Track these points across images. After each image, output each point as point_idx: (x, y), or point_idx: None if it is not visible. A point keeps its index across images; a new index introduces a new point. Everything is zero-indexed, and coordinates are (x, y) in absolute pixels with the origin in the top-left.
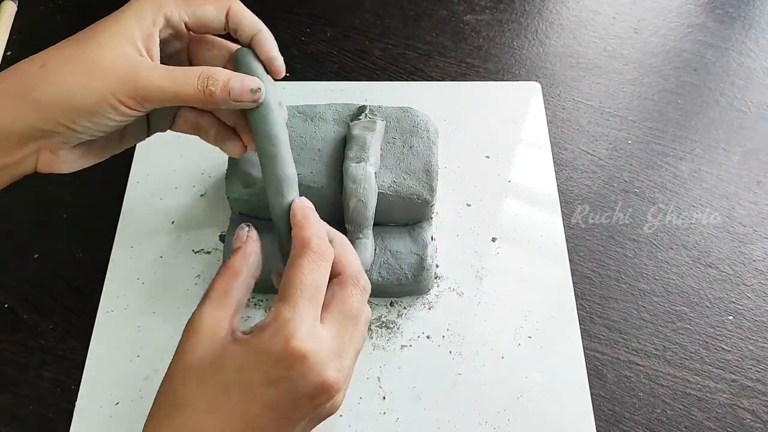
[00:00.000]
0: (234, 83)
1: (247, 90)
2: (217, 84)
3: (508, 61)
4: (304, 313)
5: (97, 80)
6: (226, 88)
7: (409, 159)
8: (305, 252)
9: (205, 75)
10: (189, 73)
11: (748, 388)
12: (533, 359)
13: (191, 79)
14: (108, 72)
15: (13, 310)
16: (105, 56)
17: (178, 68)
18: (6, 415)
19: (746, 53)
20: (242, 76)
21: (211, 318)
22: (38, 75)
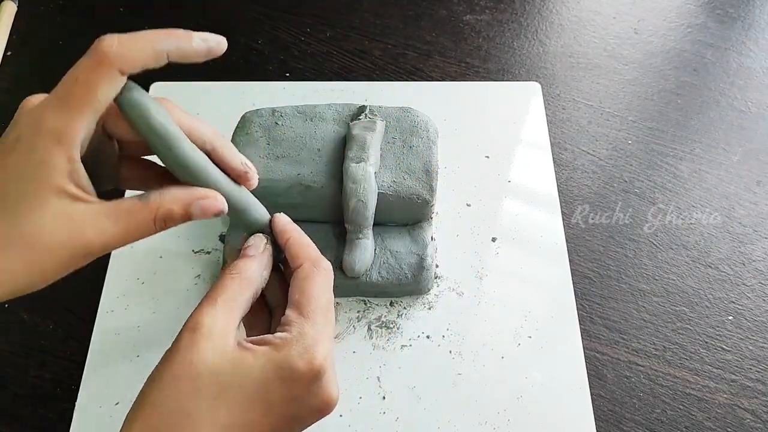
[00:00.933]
0: (194, 211)
1: (210, 214)
2: (176, 220)
3: (508, 61)
4: (325, 332)
5: (44, 263)
6: (186, 217)
7: (409, 159)
8: (320, 271)
9: (161, 217)
10: (141, 218)
11: (748, 388)
12: (533, 359)
13: (148, 227)
14: (53, 251)
15: (13, 310)
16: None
17: (125, 213)
18: (6, 415)
19: (746, 53)
20: (201, 201)
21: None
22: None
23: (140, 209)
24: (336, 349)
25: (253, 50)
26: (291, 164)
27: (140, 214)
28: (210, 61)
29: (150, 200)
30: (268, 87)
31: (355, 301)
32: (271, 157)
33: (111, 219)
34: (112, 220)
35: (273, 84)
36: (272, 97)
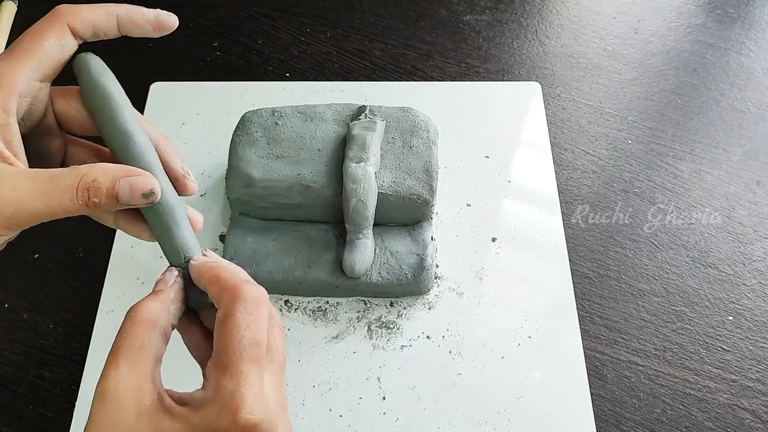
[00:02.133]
0: (122, 188)
1: (138, 194)
2: (100, 194)
3: (508, 61)
4: (250, 379)
5: None
6: (111, 194)
7: (409, 159)
8: (237, 304)
9: (85, 184)
10: (63, 183)
11: (748, 388)
12: (533, 359)
13: (69, 195)
14: None
15: (13, 310)
16: None
17: (48, 176)
18: (6, 415)
19: (746, 53)
20: (130, 177)
21: (129, 381)
22: None
23: (66, 173)
24: (336, 349)
25: (253, 50)
26: (291, 164)
27: (64, 179)
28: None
29: (77, 168)
30: (268, 87)
31: (355, 301)
32: (271, 157)
33: (30, 179)
34: (30, 180)
35: (273, 84)
36: (272, 97)
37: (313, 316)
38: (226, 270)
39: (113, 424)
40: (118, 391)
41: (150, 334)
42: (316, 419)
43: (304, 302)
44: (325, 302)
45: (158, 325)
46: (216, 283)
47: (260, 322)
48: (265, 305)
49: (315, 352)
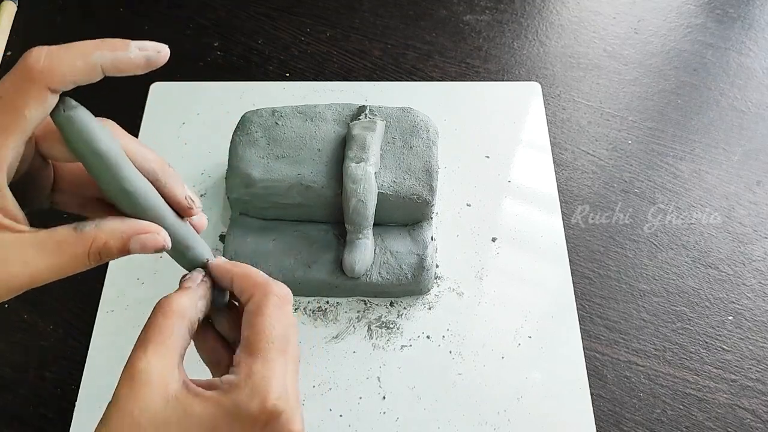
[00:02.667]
0: (133, 247)
1: (150, 251)
2: (112, 254)
3: (508, 61)
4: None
5: None
6: (124, 252)
7: (409, 159)
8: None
9: (96, 250)
10: (74, 251)
11: (748, 388)
12: (533, 359)
13: (81, 260)
14: None
15: (13, 310)
16: None
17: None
18: (6, 415)
19: (746, 53)
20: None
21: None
22: None
23: (73, 242)
24: (336, 349)
25: (253, 50)
26: (291, 164)
27: (73, 248)
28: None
29: (85, 231)
30: (268, 87)
31: (355, 301)
32: (271, 157)
33: (40, 251)
34: (40, 253)
35: (273, 84)
36: (272, 97)
37: (313, 316)
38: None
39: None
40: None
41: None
42: (316, 419)
43: (304, 302)
44: (325, 302)
45: (186, 318)
46: (247, 278)
47: (287, 317)
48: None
49: (315, 352)
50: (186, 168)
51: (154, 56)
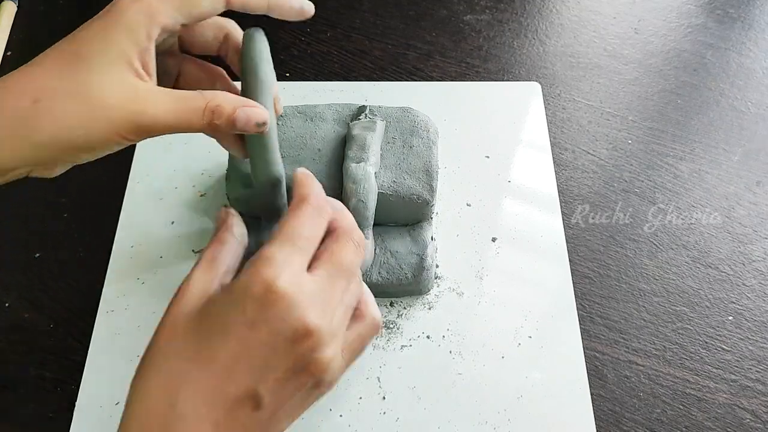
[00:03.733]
0: (239, 116)
1: (252, 123)
2: (222, 117)
3: (508, 61)
4: (289, 256)
5: (99, 120)
6: (230, 119)
7: (409, 159)
8: (303, 205)
9: (211, 107)
10: (194, 104)
11: (748, 388)
12: (533, 359)
13: (197, 113)
14: (109, 110)
15: (13, 310)
16: (103, 88)
17: (181, 97)
18: (6, 415)
19: (746, 53)
20: (248, 108)
21: (200, 280)
22: (33, 114)
23: (195, 96)
24: None
25: None
26: (291, 164)
27: (194, 101)
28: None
29: (205, 92)
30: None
31: None
32: None
33: (166, 97)
34: (167, 98)
35: None
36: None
37: None
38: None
39: (180, 308)
40: (190, 286)
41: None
42: (316, 419)
43: None
44: None
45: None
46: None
47: (315, 225)
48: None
49: None
50: (186, 168)
51: (306, 8)
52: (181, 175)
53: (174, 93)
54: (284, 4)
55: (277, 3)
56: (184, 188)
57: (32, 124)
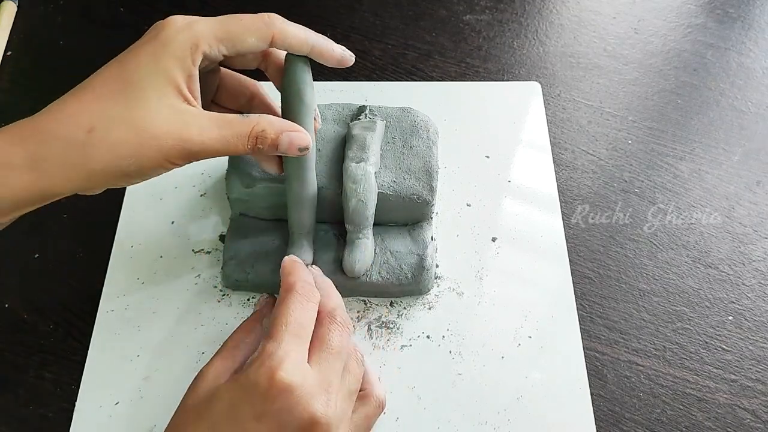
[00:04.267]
0: (283, 141)
1: (294, 147)
2: (266, 143)
3: (508, 61)
4: (289, 346)
5: (151, 148)
6: (274, 144)
7: (409, 159)
8: (291, 295)
9: (256, 133)
10: (240, 130)
11: (748, 388)
12: (533, 359)
13: (242, 139)
14: (160, 139)
15: (13, 310)
16: (154, 117)
17: (227, 123)
18: (6, 415)
19: (746, 53)
20: (291, 132)
21: (216, 368)
22: (88, 143)
23: (240, 122)
24: None
25: None
26: None
27: (239, 126)
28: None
29: (250, 117)
30: (269, 87)
31: (355, 301)
32: None
33: (213, 123)
34: (214, 124)
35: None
36: (272, 98)
37: None
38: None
39: (193, 396)
40: (206, 374)
41: (244, 338)
42: None
43: None
44: None
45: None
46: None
47: (306, 311)
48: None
49: None
50: (186, 167)
51: (347, 57)
52: (181, 175)
53: (220, 119)
54: (326, 51)
55: (320, 49)
56: (184, 188)
57: (88, 153)
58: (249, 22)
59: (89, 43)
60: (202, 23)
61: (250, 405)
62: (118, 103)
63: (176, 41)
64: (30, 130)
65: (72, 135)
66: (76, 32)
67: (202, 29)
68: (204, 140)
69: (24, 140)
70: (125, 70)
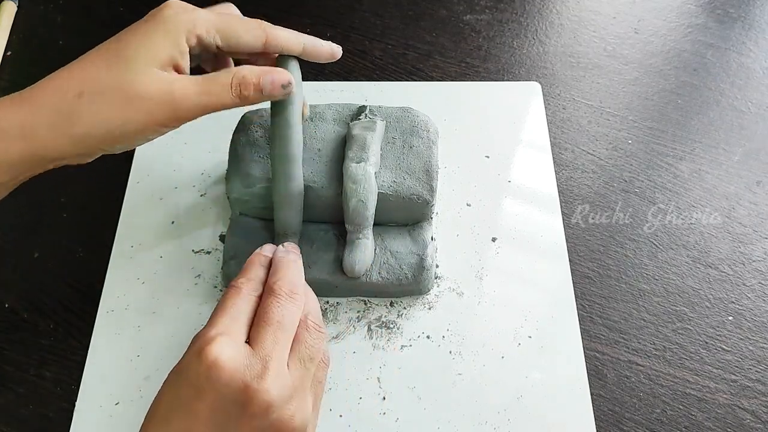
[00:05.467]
0: (265, 82)
1: (278, 86)
2: (249, 87)
3: (508, 61)
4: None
5: (137, 112)
6: (258, 88)
7: (409, 159)
8: (228, 289)
9: (237, 82)
10: (222, 82)
11: (748, 388)
12: (533, 359)
13: (226, 90)
14: (146, 102)
15: (13, 310)
16: (141, 83)
17: (209, 79)
18: (6, 415)
19: (746, 53)
20: (271, 73)
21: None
22: (76, 107)
23: (221, 73)
24: (336, 350)
25: None
26: None
27: (221, 77)
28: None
29: (229, 68)
30: None
31: (355, 301)
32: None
33: (197, 80)
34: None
35: None
36: None
37: None
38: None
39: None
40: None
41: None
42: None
43: None
44: (325, 302)
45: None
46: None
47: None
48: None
49: None
50: (186, 167)
51: (336, 50)
52: (181, 175)
53: (202, 76)
54: (316, 49)
55: (311, 48)
56: (184, 188)
57: (74, 119)
58: (245, 22)
59: (89, 43)
60: (202, 11)
61: (187, 386)
62: (108, 71)
63: (173, 21)
64: (21, 100)
65: (61, 100)
66: (76, 32)
67: (202, 15)
68: (189, 95)
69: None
70: (119, 46)
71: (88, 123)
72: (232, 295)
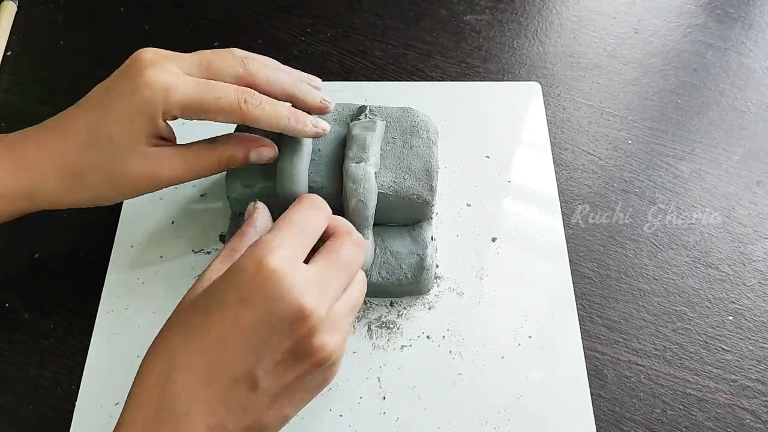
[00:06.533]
0: (252, 157)
1: (264, 159)
2: (236, 162)
3: (508, 61)
4: (285, 239)
5: (124, 186)
6: (245, 161)
7: (409, 159)
8: (301, 201)
9: (225, 160)
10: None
11: (748, 388)
12: (533, 359)
13: (213, 167)
14: (133, 179)
15: (13, 310)
16: (127, 167)
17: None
18: (6, 415)
19: (746, 53)
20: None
21: (212, 270)
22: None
23: (208, 152)
24: None
25: (253, 50)
26: None
27: (208, 156)
28: None
29: (216, 144)
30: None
31: None
32: None
33: (182, 159)
34: (182, 160)
35: None
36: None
37: None
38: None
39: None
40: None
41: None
42: (316, 419)
43: None
44: None
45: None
46: None
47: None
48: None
49: None
50: None
51: (321, 133)
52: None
53: (189, 151)
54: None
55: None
56: (184, 188)
57: (70, 192)
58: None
59: (89, 43)
60: (180, 90)
61: (235, 290)
62: (98, 153)
63: (151, 104)
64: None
65: (60, 176)
66: (76, 32)
67: (178, 98)
68: (175, 174)
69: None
70: (104, 121)
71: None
72: (305, 206)
